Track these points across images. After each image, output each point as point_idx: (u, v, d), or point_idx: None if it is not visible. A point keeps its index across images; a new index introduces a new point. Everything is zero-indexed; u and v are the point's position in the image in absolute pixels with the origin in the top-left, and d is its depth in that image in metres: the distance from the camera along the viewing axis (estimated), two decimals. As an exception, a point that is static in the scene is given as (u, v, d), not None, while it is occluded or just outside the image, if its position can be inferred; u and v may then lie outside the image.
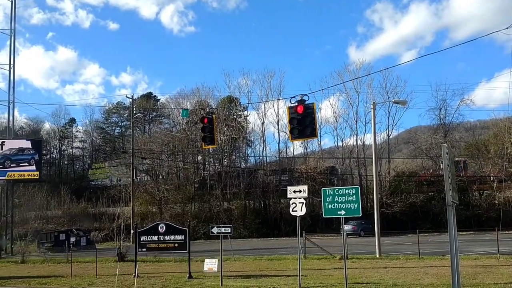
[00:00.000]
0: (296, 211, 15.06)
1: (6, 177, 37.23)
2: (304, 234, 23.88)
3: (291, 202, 15.21)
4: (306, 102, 15.38)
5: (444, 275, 15.40)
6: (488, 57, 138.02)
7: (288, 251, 27.92)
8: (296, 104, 15.36)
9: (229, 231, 16.24)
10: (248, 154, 64.72)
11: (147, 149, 55.00)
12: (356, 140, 54.44)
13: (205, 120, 17.11)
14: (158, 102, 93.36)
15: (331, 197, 14.58)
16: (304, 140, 42.40)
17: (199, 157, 63.54)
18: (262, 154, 57.85)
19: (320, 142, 56.90)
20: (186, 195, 53.87)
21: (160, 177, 56.29)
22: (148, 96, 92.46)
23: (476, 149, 49.89)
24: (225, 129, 57.26)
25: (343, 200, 14.41)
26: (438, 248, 26.12)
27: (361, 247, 30.01)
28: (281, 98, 54.53)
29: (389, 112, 52.81)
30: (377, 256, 22.89)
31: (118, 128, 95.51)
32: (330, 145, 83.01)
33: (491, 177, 47.62)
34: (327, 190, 15.04)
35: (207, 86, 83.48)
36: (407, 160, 55.83)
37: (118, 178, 68.56)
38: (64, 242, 38.27)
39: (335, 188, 14.97)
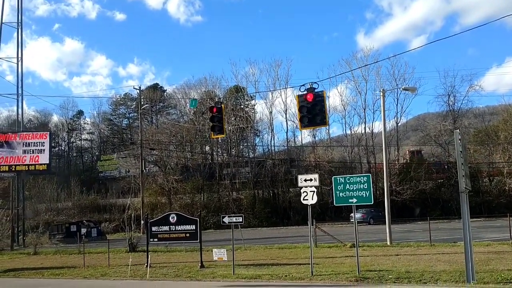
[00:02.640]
0: (307, 199, 15.02)
1: (15, 169, 37.45)
2: (314, 223, 23.85)
3: (302, 190, 15.15)
4: (316, 90, 15.30)
5: (457, 262, 15.37)
6: (499, 41, 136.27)
7: (298, 240, 28.00)
8: (306, 92, 15.25)
9: (240, 220, 16.24)
10: (256, 144, 64.78)
11: (155, 140, 55.09)
12: (365, 128, 54.35)
13: (214, 110, 17.02)
14: (165, 93, 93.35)
15: (342, 185, 14.54)
16: (313, 129, 42.21)
17: (207, 148, 63.66)
18: (270, 143, 57.89)
19: (329, 130, 56.83)
20: (195, 186, 54.04)
21: (169, 167, 56.36)
22: (155, 87, 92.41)
23: (486, 135, 49.43)
24: (233, 119, 57.20)
25: (354, 188, 14.37)
26: (449, 235, 26.04)
27: (371, 235, 29.98)
28: (288, 87, 54.40)
29: (397, 99, 52.56)
30: (388, 243, 22.88)
31: (126, 119, 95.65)
32: (338, 133, 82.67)
33: (503, 164, 47.26)
34: (338, 178, 15.01)
35: (215, 76, 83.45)
36: (416, 148, 55.47)
37: (127, 170, 68.88)
38: (75, 233, 38.64)
39: (346, 176, 14.92)
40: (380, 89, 51.75)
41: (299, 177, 15.49)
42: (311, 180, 15.06)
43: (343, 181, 14.63)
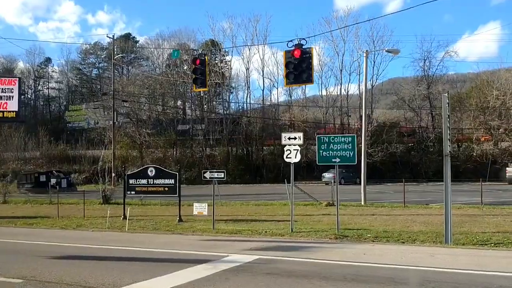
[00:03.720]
0: (290, 157, 14.97)
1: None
2: (292, 181, 23.96)
3: (285, 149, 15.07)
4: (304, 47, 15.02)
5: (432, 223, 15.80)
6: (474, 8, 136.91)
7: (274, 197, 28.23)
8: (293, 48, 14.97)
9: (222, 176, 16.12)
10: (230, 101, 64.28)
11: (127, 91, 53.80)
12: (340, 89, 54.44)
13: (197, 62, 16.54)
14: (137, 44, 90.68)
15: (326, 145, 14.52)
16: (299, 86, 41.86)
17: (179, 102, 62.74)
18: (246, 101, 57.51)
19: (305, 90, 56.69)
20: (168, 140, 53.55)
21: (141, 121, 55.47)
22: (127, 37, 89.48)
23: (458, 102, 50.41)
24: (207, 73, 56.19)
25: (338, 148, 14.38)
26: (420, 197, 26.81)
27: (344, 195, 30.39)
28: (266, 43, 53.55)
29: (374, 62, 52.64)
30: (362, 203, 23.35)
31: (96, 69, 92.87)
32: (314, 93, 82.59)
33: (472, 130, 48.53)
34: (322, 137, 14.98)
35: (190, 28, 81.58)
36: (389, 111, 56.22)
37: (96, 121, 67.51)
38: (44, 183, 38.00)
39: (331, 136, 14.90)
40: (358, 50, 52.04)
41: (283, 135, 15.38)
42: (295, 138, 14.96)
43: (327, 140, 14.61)
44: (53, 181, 37.17)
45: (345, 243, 12.09)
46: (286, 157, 15.10)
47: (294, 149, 14.95)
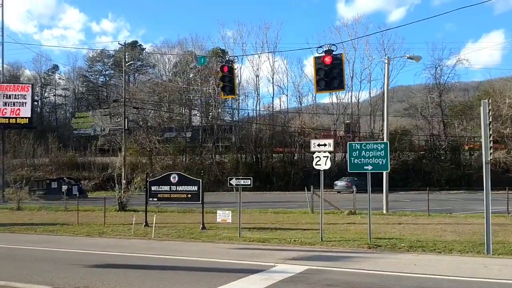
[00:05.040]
0: (320, 165, 14.71)
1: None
2: (312, 189, 23.80)
3: (314, 155, 14.80)
4: (334, 53, 14.90)
5: (463, 232, 15.53)
6: (477, 17, 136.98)
7: (289, 205, 28.00)
8: (323, 54, 14.83)
9: (249, 183, 15.87)
10: (239, 108, 64.12)
11: (137, 98, 53.73)
12: (351, 96, 54.25)
13: (225, 69, 16.29)
14: (144, 51, 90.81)
15: (357, 152, 14.29)
16: (330, 92, 41.47)
17: (185, 109, 62.64)
18: (256, 108, 57.34)
19: (315, 97, 56.58)
20: (177, 147, 53.36)
21: (151, 128, 55.35)
22: (134, 45, 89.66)
23: (470, 109, 50.06)
24: (212, 81, 56.17)
25: (370, 155, 14.14)
26: (438, 206, 26.44)
27: (363, 203, 30.17)
28: (277, 51, 53.52)
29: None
30: (384, 212, 23.05)
31: (102, 76, 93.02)
32: (324, 101, 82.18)
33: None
34: (353, 144, 14.77)
35: (200, 36, 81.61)
36: (400, 119, 55.91)
37: (102, 128, 67.38)
38: (56, 190, 37.85)
39: (362, 143, 14.69)
40: (369, 58, 52.05)
41: (312, 141, 15.15)
42: (325, 145, 14.72)
43: (358, 147, 14.39)
44: (64, 187, 36.91)
45: (385, 253, 11.80)
46: (316, 164, 14.83)
47: (324, 156, 14.69)
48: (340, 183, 42.61)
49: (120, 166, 30.66)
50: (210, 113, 60.60)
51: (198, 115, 63.42)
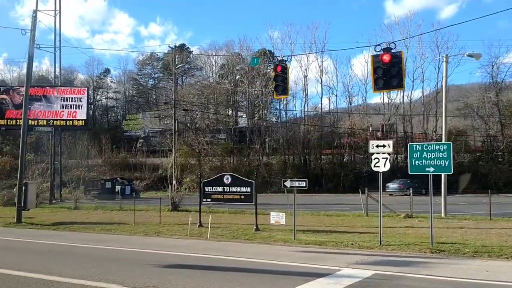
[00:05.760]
0: (378, 166, 14.23)
1: (53, 123, 37.41)
2: (366, 191, 23.23)
3: (373, 157, 14.36)
4: (393, 50, 14.50)
5: (532, 238, 14.67)
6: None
7: (341, 207, 27.50)
8: (382, 52, 14.45)
9: (304, 185, 15.66)
10: (286, 109, 63.97)
11: (187, 101, 54.60)
12: (403, 96, 52.85)
13: (278, 68, 16.16)
14: (191, 54, 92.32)
15: (418, 153, 13.75)
16: (389, 91, 40.65)
17: (232, 111, 63.07)
18: (304, 108, 56.93)
19: (365, 97, 55.64)
20: (225, 149, 53.72)
21: (200, 129, 56.12)
22: (182, 48, 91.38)
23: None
24: (258, 83, 56.26)
25: (432, 157, 13.56)
26: (498, 210, 25.17)
27: (419, 206, 29.23)
28: (325, 50, 52.97)
29: (438, 68, 50.63)
30: (443, 215, 22.21)
31: (151, 79, 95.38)
32: (376, 101, 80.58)
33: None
34: (414, 145, 14.24)
35: (248, 37, 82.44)
36: (454, 119, 53.92)
37: (151, 129, 69.11)
38: (110, 190, 39.00)
39: (424, 144, 14.16)
40: (422, 56, 50.57)
41: (371, 143, 14.73)
42: (384, 146, 14.26)
43: (420, 148, 13.83)
44: (118, 187, 38.00)
45: (450, 258, 11.29)
46: (374, 166, 14.39)
47: (382, 158, 14.22)
48: (392, 186, 41.50)
49: (171, 167, 31.10)
50: (257, 114, 60.77)
51: (244, 116, 63.74)
